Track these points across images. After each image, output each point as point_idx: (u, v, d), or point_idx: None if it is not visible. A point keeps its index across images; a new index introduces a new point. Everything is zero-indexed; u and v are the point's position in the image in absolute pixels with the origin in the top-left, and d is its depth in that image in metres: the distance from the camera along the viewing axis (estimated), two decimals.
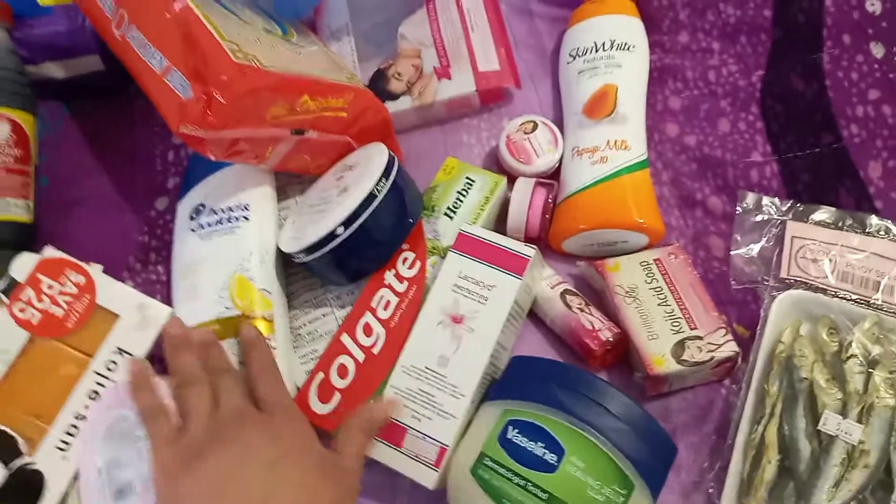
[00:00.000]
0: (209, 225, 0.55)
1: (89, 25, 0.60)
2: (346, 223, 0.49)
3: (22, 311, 0.52)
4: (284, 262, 0.57)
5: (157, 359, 0.53)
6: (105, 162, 0.63)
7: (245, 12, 0.57)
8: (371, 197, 0.50)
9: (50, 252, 0.54)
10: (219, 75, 0.48)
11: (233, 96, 0.48)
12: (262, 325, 0.51)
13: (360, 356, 0.50)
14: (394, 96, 0.63)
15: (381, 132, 0.59)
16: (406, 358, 0.49)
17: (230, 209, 0.55)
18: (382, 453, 0.47)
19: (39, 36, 0.61)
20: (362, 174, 0.52)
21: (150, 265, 0.59)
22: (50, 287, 0.53)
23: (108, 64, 0.63)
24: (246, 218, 0.54)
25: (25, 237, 0.58)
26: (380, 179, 0.51)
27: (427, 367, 0.48)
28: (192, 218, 0.56)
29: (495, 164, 0.62)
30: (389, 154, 0.53)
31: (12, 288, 0.53)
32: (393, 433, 0.47)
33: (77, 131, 0.64)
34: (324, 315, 0.55)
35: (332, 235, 0.50)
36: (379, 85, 0.63)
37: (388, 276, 0.52)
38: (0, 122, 0.57)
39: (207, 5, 0.53)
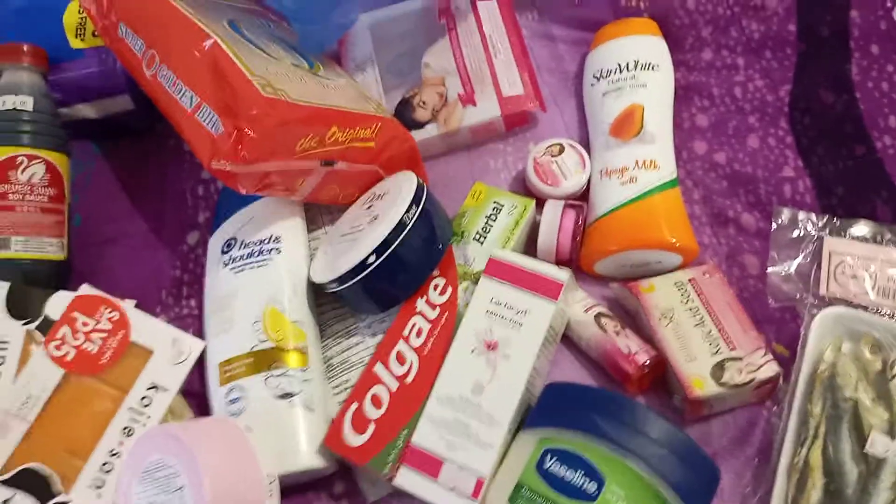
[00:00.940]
0: (241, 258, 0.55)
1: (120, 66, 0.61)
2: (378, 251, 0.50)
3: (58, 348, 0.52)
4: (316, 292, 0.57)
5: (190, 393, 0.54)
6: (136, 199, 0.64)
7: (272, 48, 0.58)
8: (401, 224, 0.50)
9: (85, 289, 0.54)
10: (249, 110, 0.49)
11: (263, 130, 0.49)
12: (295, 357, 0.51)
13: (394, 385, 0.49)
14: (420, 124, 0.63)
15: (409, 160, 0.59)
16: (441, 386, 0.48)
17: (261, 242, 0.55)
18: (418, 485, 0.46)
19: (72, 79, 0.62)
20: (392, 202, 0.52)
21: (182, 300, 0.59)
22: (84, 324, 0.53)
23: (138, 103, 0.64)
24: (277, 250, 0.54)
25: (60, 275, 0.59)
26: (410, 207, 0.51)
27: (462, 396, 0.48)
28: (223, 252, 0.56)
29: (523, 187, 0.62)
30: (418, 181, 0.53)
31: (48, 326, 0.53)
32: (429, 464, 0.46)
33: (108, 170, 0.65)
34: (356, 344, 0.55)
35: (363, 264, 0.50)
36: (405, 114, 0.63)
37: (420, 304, 0.52)
38: (35, 164, 0.58)
39: (236, 42, 0.54)
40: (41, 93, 0.59)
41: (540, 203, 0.58)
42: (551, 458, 0.43)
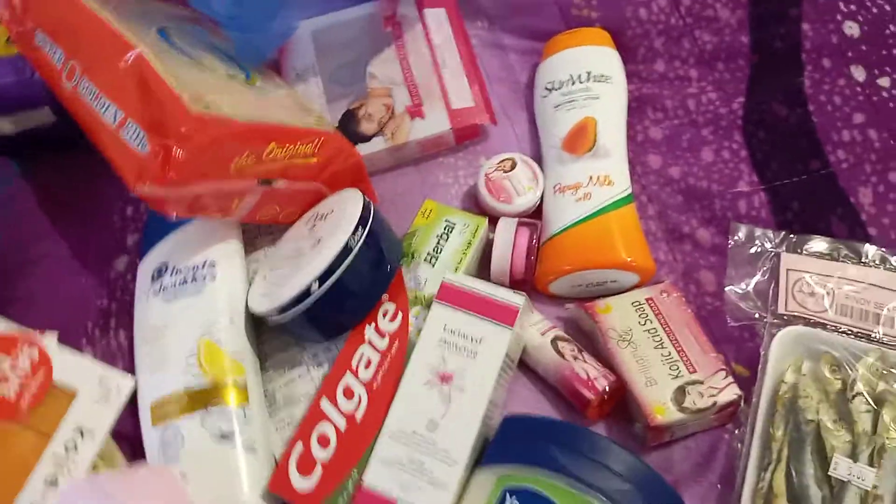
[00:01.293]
0: (173, 286, 0.51)
1: (38, 77, 0.56)
2: (322, 279, 0.46)
3: None
4: (255, 320, 0.53)
5: (121, 435, 0.49)
6: (59, 220, 0.59)
7: (206, 58, 0.54)
8: (346, 249, 0.47)
9: (1, 326, 0.50)
10: (177, 127, 0.45)
11: (194, 149, 0.45)
12: (234, 394, 0.47)
13: (342, 423, 0.46)
14: (365, 138, 0.60)
15: (354, 176, 0.56)
16: (392, 422, 0.45)
17: (195, 268, 0.51)
18: None
19: None
20: (336, 224, 0.49)
21: (110, 331, 0.55)
22: (1, 363, 0.48)
23: (60, 116, 0.59)
24: (213, 276, 0.51)
25: None
26: (356, 229, 0.48)
27: (415, 432, 0.45)
28: (154, 279, 0.52)
29: (474, 204, 0.59)
30: (365, 201, 0.50)
31: None
32: None
33: (29, 189, 0.60)
34: (299, 376, 0.52)
35: (306, 293, 0.46)
36: (349, 127, 0.60)
37: (369, 331, 0.49)
38: None
39: (164, 53, 0.50)
40: None
41: (492, 220, 0.56)
42: (512, 498, 0.40)
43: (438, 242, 0.53)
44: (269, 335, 0.53)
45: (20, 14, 0.53)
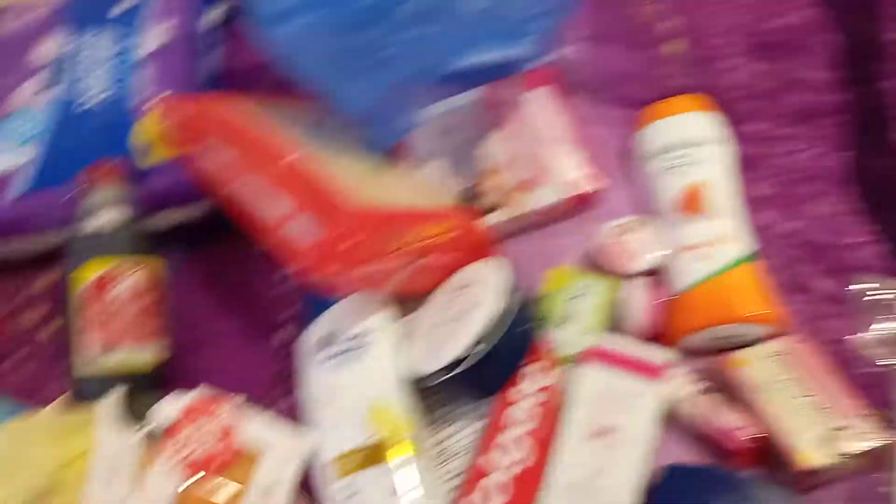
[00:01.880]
0: (338, 354, 0.56)
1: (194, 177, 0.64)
2: (478, 341, 0.51)
3: (169, 458, 0.53)
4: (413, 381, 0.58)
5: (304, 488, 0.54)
6: (224, 300, 0.66)
7: (347, 152, 0.61)
8: (496, 313, 0.52)
9: (196, 394, 0.56)
10: (341, 220, 0.51)
11: (358, 239, 0.51)
12: (407, 450, 0.51)
13: (503, 477, 0.50)
14: (487, 211, 0.65)
15: (483, 249, 0.61)
16: (556, 477, 0.49)
17: (356, 336, 0.56)
18: None
19: (154, 190, 0.65)
20: (483, 292, 0.53)
21: (278, 398, 0.60)
22: (197, 429, 0.54)
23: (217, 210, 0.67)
24: (374, 343, 0.56)
25: (161, 378, 0.61)
26: (503, 295, 0.52)
27: (579, 484, 0.48)
28: (320, 348, 0.57)
29: (594, 267, 0.63)
30: (506, 270, 0.55)
31: (159, 435, 0.55)
32: None
33: (194, 275, 0.67)
34: (456, 433, 0.56)
35: (465, 356, 0.51)
36: (472, 202, 0.65)
37: (515, 393, 0.53)
38: (137, 271, 0.60)
39: (319, 150, 0.57)
40: (129, 205, 0.62)
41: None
42: None
43: (572, 305, 0.57)
44: (427, 393, 0.57)
45: (191, 121, 0.61)
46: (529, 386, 0.53)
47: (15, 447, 0.54)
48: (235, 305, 0.66)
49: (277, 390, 0.61)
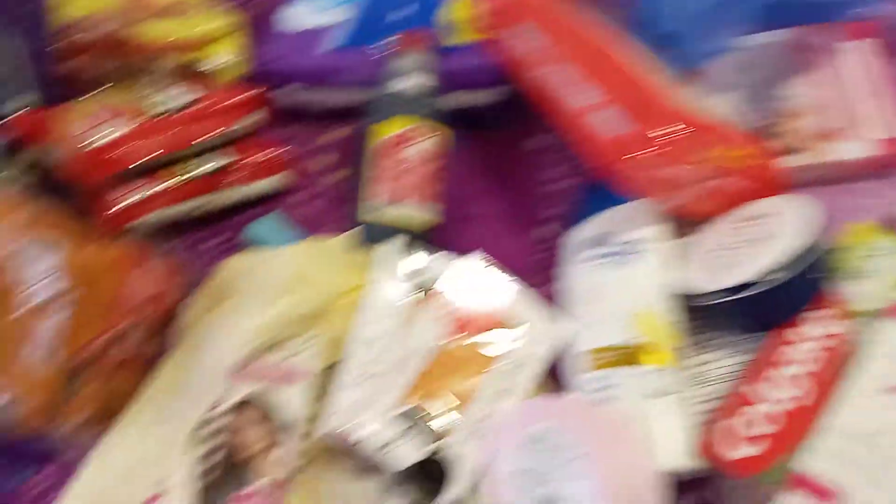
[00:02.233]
0: (608, 255, 0.57)
1: (496, 62, 0.66)
2: (774, 270, 0.50)
3: (438, 311, 0.57)
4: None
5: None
6: (495, 186, 0.69)
7: (652, 62, 0.60)
8: (799, 247, 0.50)
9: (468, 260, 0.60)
10: (656, 116, 0.51)
11: (668, 138, 0.51)
12: (669, 357, 0.52)
13: (772, 409, 0.49)
14: (780, 154, 0.63)
15: (778, 187, 0.59)
16: (836, 421, 0.47)
17: (630, 242, 0.57)
18: None
19: (453, 69, 0.68)
20: (783, 225, 0.52)
21: (541, 286, 0.62)
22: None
23: (503, 100, 0.69)
24: (647, 252, 0.56)
25: (431, 239, 0.65)
26: (807, 231, 0.51)
27: (867, 435, 0.46)
28: (591, 247, 0.59)
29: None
30: (812, 206, 0.53)
31: (428, 288, 0.59)
32: (822, 495, 0.46)
33: (465, 157, 0.70)
34: (713, 361, 0.55)
35: (757, 281, 0.50)
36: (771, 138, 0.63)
37: (795, 334, 0.52)
38: (434, 136, 0.64)
39: (634, 48, 0.57)
40: (433, 75, 0.66)
41: None
42: None
43: (871, 262, 0.54)
44: (696, 314, 0.57)
45: (509, 6, 0.63)
46: (813, 330, 0.52)
47: (299, 265, 0.60)
48: (505, 193, 0.68)
49: (532, 280, 0.63)
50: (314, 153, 0.72)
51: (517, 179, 0.69)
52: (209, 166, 0.66)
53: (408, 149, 0.64)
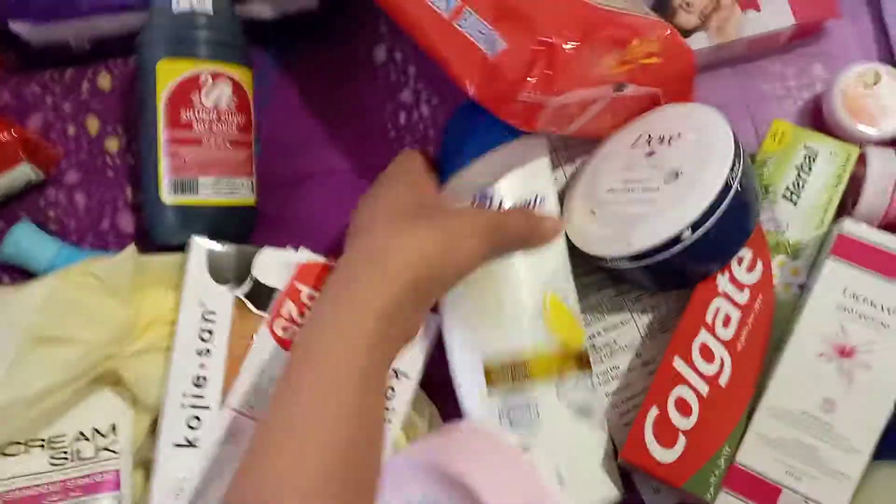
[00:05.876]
0: None
1: None
2: (695, 225, 0.39)
3: (284, 329, 0.43)
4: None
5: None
6: (326, 127, 0.52)
7: None
8: (726, 189, 0.39)
9: (305, 255, 0.45)
10: (556, 20, 0.36)
11: (575, 47, 0.37)
12: (583, 360, 0.41)
13: (703, 388, 0.40)
14: (684, 33, 0.49)
15: (683, 82, 0.47)
16: (773, 398, 0.39)
17: (526, 202, 0.42)
18: None
19: None
20: (704, 156, 0.40)
21: None
22: (310, 297, 0.44)
23: (323, 2, 0.51)
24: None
25: (249, 223, 0.49)
26: (732, 165, 0.39)
27: (805, 412, 0.38)
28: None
29: (811, 124, 0.49)
30: (733, 128, 0.41)
31: (261, 294, 0.44)
32: (762, 492, 0.38)
33: (289, 87, 0.53)
34: (622, 323, 0.46)
35: (674, 240, 0.39)
36: (664, 18, 0.49)
37: (722, 283, 0.42)
38: (220, 83, 0.46)
39: None
40: None
41: None
42: None
43: (799, 175, 0.44)
44: (576, 272, 0.46)
45: None
46: (740, 276, 0.42)
47: (75, 300, 0.42)
48: (340, 136, 0.52)
49: None
50: (81, 111, 0.52)
51: (353, 113, 0.52)
52: None
53: (199, 101, 0.46)
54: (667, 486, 0.40)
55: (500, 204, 0.42)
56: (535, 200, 0.42)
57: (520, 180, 0.42)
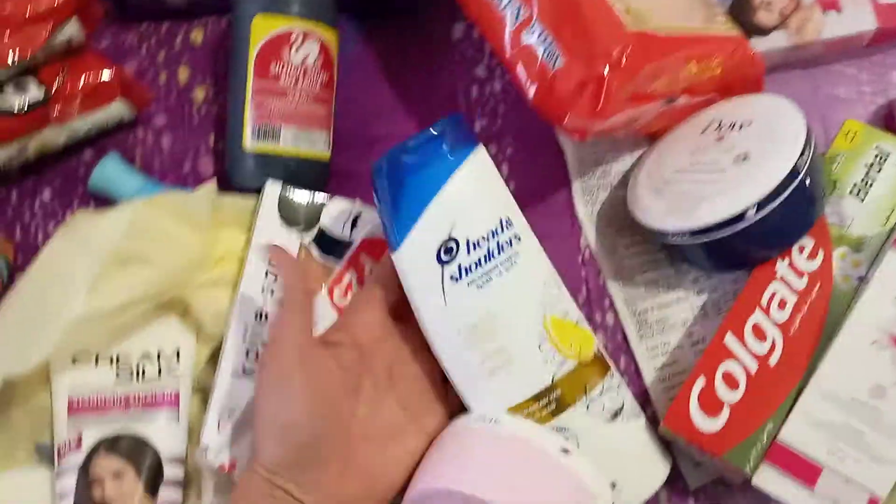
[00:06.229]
0: (478, 265, 0.39)
1: None
2: (761, 204, 0.39)
3: (343, 296, 0.45)
4: (617, 230, 0.48)
5: None
6: (401, 95, 0.54)
7: None
8: (794, 173, 0.39)
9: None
10: (609, 47, 0.38)
11: (626, 78, 0.38)
12: (601, 365, 0.41)
13: (753, 365, 0.41)
14: (762, 31, 0.50)
15: (750, 86, 0.47)
16: (823, 380, 0.39)
17: (494, 233, 0.39)
18: (786, 491, 0.38)
19: None
20: (774, 140, 0.41)
21: None
22: (370, 272, 0.46)
23: None
24: (517, 237, 0.40)
25: (324, 177, 0.51)
26: (803, 151, 0.40)
27: (854, 397, 0.38)
28: (443, 261, 0.39)
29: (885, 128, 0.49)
30: (804, 116, 0.42)
31: (327, 242, 0.46)
32: (803, 469, 0.38)
33: (370, 55, 0.55)
34: (677, 300, 0.47)
35: (738, 217, 0.40)
36: (743, 16, 0.50)
37: (781, 268, 0.42)
38: (309, 42, 0.49)
39: None
40: None
41: None
42: None
43: (868, 173, 0.44)
44: (635, 249, 0.47)
45: None
46: (800, 264, 0.42)
47: (136, 230, 0.44)
48: (416, 101, 0.54)
49: None
50: (172, 63, 0.56)
51: (428, 84, 0.55)
52: (22, 99, 0.49)
53: (288, 56, 0.48)
54: (707, 458, 0.41)
55: (461, 242, 0.39)
56: (503, 224, 0.40)
57: (480, 212, 0.40)
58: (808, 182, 0.40)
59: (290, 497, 0.36)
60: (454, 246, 0.39)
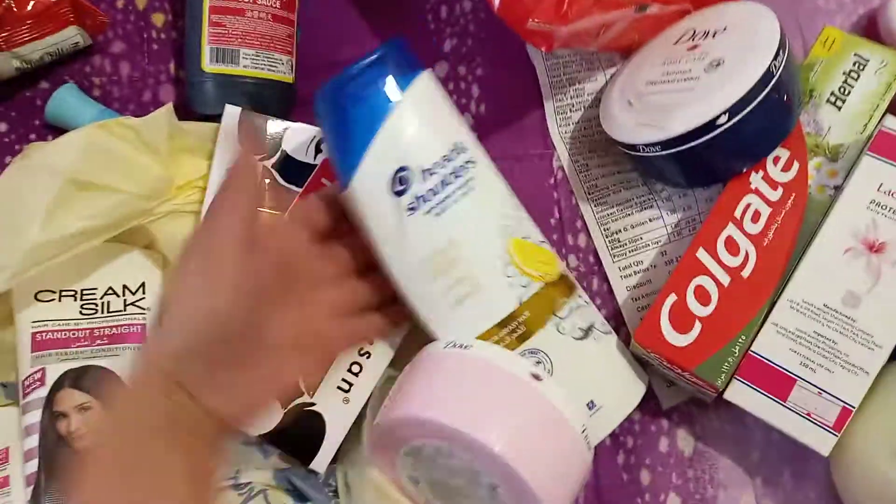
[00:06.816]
0: (433, 193, 0.37)
1: None
2: (733, 110, 0.38)
3: None
4: (590, 149, 0.47)
5: None
6: (367, 15, 0.52)
7: None
8: (768, 75, 0.38)
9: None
10: None
11: None
12: (568, 283, 0.40)
13: (725, 279, 0.40)
14: None
15: None
16: (795, 290, 0.38)
17: (446, 158, 0.37)
18: (758, 405, 0.38)
19: None
20: (747, 44, 0.39)
21: None
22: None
23: None
24: (472, 162, 0.38)
25: (287, 101, 0.50)
26: (777, 53, 0.38)
27: (827, 305, 0.38)
28: (398, 192, 0.37)
29: (881, 36, 0.48)
30: (780, 22, 0.40)
31: (290, 166, 0.45)
32: (775, 382, 0.38)
33: None
34: (650, 220, 0.45)
35: (710, 126, 0.38)
36: None
37: (755, 180, 0.41)
38: None
39: None
40: None
41: None
42: None
43: (846, 81, 0.43)
44: (607, 169, 0.46)
45: None
46: (775, 175, 0.41)
47: (90, 155, 0.42)
48: (382, 24, 0.52)
49: None
50: None
51: (396, 4, 0.52)
52: None
53: None
54: (678, 375, 0.40)
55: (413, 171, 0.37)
56: (456, 149, 0.38)
57: (430, 140, 0.38)
58: (781, 87, 0.39)
59: (189, 400, 0.32)
60: (407, 175, 0.37)
